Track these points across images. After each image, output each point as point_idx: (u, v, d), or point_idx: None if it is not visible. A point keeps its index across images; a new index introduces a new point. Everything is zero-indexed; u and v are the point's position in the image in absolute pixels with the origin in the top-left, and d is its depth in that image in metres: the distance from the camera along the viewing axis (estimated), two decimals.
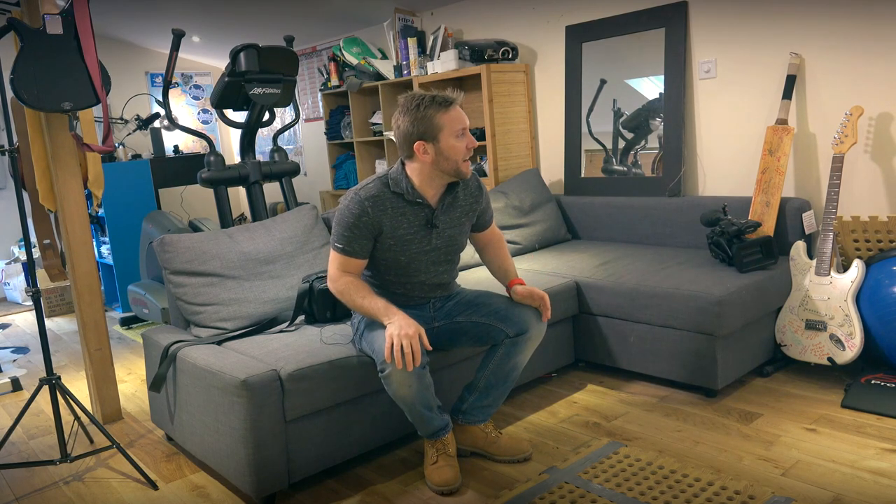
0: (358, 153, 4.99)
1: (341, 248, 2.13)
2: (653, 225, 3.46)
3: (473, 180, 2.26)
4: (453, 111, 2.05)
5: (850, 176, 2.92)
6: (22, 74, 2.52)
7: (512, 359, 2.21)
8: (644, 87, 3.57)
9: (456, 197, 2.21)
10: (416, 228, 2.16)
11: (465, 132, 2.08)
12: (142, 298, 4.22)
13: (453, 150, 2.07)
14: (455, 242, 2.25)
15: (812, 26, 2.97)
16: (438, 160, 2.08)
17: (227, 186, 3.56)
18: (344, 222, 2.11)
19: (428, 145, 2.06)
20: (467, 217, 2.26)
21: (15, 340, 4.48)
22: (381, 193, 2.11)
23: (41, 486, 2.40)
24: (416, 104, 2.05)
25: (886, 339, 2.60)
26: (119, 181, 4.69)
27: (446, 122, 2.04)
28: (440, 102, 2.05)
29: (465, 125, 2.08)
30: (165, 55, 6.38)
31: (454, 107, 2.06)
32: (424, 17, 4.66)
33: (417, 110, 2.04)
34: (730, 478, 2.04)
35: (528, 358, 2.26)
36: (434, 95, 2.05)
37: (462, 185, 2.22)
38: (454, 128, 2.05)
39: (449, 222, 2.20)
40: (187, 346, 2.35)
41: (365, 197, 2.09)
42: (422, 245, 2.18)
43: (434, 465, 2.15)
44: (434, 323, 2.28)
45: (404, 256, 2.18)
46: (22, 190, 2.48)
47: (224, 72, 3.39)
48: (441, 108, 2.04)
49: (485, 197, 2.30)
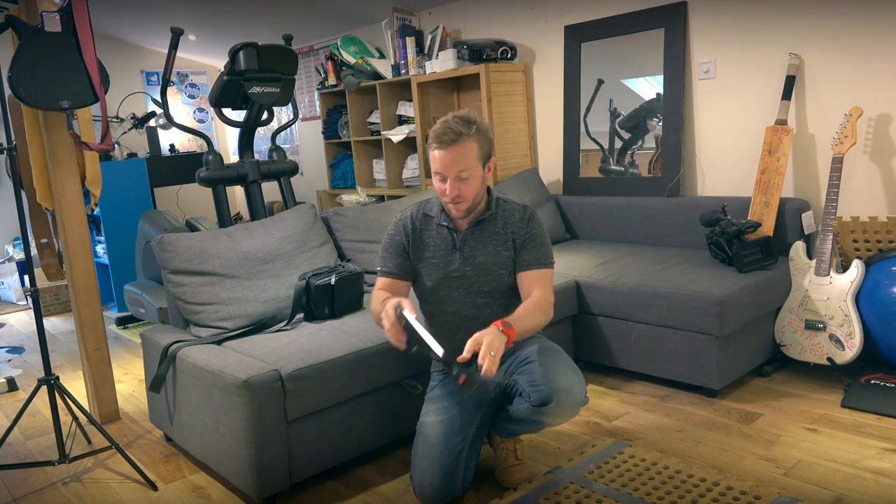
0: (355, 152, 4.98)
1: (380, 269, 2.14)
2: (652, 225, 3.46)
3: (519, 212, 2.09)
4: (436, 151, 1.95)
5: (850, 176, 2.93)
6: (20, 72, 2.50)
7: (535, 423, 2.01)
8: (641, 87, 3.57)
9: (490, 223, 2.08)
10: (441, 252, 2.09)
11: (442, 176, 1.97)
12: (138, 298, 4.20)
13: (437, 189, 2.02)
14: (489, 272, 2.06)
15: (811, 27, 2.98)
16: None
17: (225, 185, 3.55)
18: (386, 245, 2.14)
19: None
20: (504, 246, 2.07)
21: (10, 340, 4.44)
22: (415, 215, 2.14)
23: (39, 487, 2.39)
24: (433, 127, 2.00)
25: (886, 339, 2.61)
26: (115, 180, 4.67)
27: (431, 158, 1.98)
28: (434, 137, 1.96)
29: (439, 170, 1.96)
30: (161, 53, 6.35)
31: (441, 147, 1.94)
32: (422, 17, 4.65)
33: (430, 131, 2.00)
34: (734, 478, 2.04)
35: (555, 425, 2.06)
36: (440, 127, 1.95)
37: (502, 213, 2.09)
38: (433, 167, 1.99)
39: (479, 248, 2.07)
40: (187, 346, 2.33)
41: (401, 218, 2.14)
42: (447, 269, 2.08)
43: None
44: (490, 393, 1.95)
45: (431, 281, 2.10)
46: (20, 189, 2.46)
47: (223, 70, 3.38)
48: (432, 143, 1.97)
49: (529, 231, 2.06)
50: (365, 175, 5.04)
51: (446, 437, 2.00)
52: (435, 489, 1.98)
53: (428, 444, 2.02)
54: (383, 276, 2.13)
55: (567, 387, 1.92)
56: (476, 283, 2.08)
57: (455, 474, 1.99)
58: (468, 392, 2.05)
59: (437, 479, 1.97)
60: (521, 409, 2.00)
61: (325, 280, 2.56)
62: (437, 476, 1.97)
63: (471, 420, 2.05)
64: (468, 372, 1.76)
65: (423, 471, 1.99)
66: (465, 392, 2.06)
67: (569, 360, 2.04)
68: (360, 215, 3.07)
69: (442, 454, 1.99)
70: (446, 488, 1.98)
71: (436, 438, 2.01)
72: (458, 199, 1.99)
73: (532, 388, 1.94)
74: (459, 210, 2.03)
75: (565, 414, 1.97)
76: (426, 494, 1.99)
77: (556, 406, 1.91)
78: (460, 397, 2.07)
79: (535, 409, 1.94)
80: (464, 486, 2.02)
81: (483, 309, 2.10)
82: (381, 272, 2.14)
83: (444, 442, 2.00)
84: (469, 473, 2.04)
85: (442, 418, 2.04)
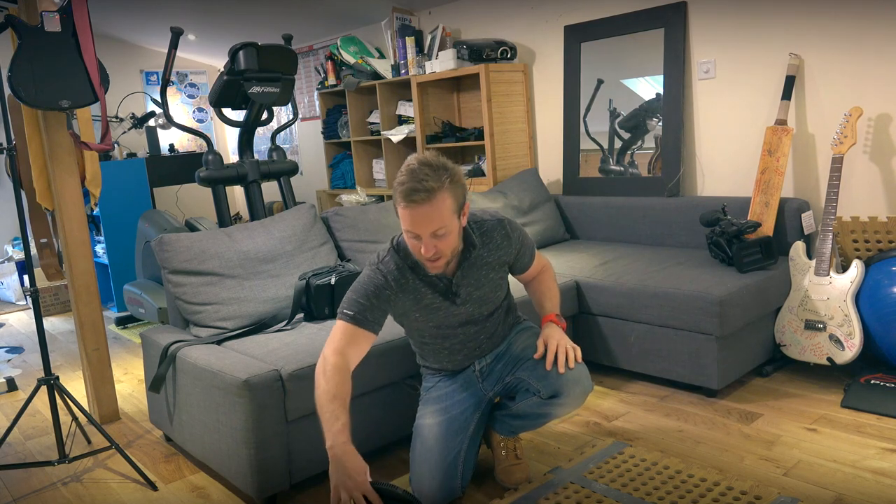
0: (355, 152, 4.98)
1: (351, 316, 1.86)
2: (652, 225, 3.47)
3: (497, 230, 1.99)
4: (403, 210, 1.75)
5: (850, 176, 2.93)
6: (19, 72, 2.49)
7: (542, 416, 2.02)
8: (640, 87, 3.57)
9: (477, 258, 1.97)
10: (437, 300, 1.98)
11: (415, 235, 1.78)
12: (138, 298, 4.19)
13: (411, 246, 1.85)
14: (486, 302, 2.03)
15: (811, 27, 2.98)
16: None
17: (225, 185, 3.55)
18: (362, 290, 1.89)
19: None
20: (496, 271, 2.02)
21: (9, 340, 4.44)
22: (400, 267, 1.92)
23: (39, 487, 2.38)
24: (399, 173, 1.78)
25: (885, 339, 2.61)
26: (114, 180, 4.67)
27: (399, 215, 1.79)
28: (403, 194, 1.73)
29: (411, 229, 1.77)
30: (161, 53, 6.34)
31: (412, 206, 1.73)
32: (422, 17, 4.65)
33: (395, 182, 1.78)
34: (734, 478, 2.04)
35: (563, 415, 2.04)
36: (409, 182, 1.72)
37: (481, 243, 1.97)
38: (404, 225, 1.79)
39: (473, 285, 1.99)
40: (187, 346, 2.33)
41: (387, 271, 1.91)
42: (448, 311, 2.00)
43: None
44: (488, 393, 2.11)
45: (433, 323, 2.03)
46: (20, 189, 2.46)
47: (223, 70, 3.37)
48: (400, 200, 1.75)
49: (515, 243, 2.03)
50: (365, 175, 5.04)
51: (445, 439, 2.00)
52: (434, 491, 1.97)
53: (426, 446, 2.02)
54: (349, 321, 1.85)
55: (577, 377, 1.94)
56: (477, 313, 2.05)
57: (454, 475, 1.99)
58: (465, 392, 2.07)
59: (436, 481, 1.97)
60: (527, 403, 2.01)
61: (325, 280, 2.56)
62: (436, 478, 1.97)
63: (469, 420, 2.05)
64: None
65: (422, 473, 1.99)
66: (461, 392, 2.07)
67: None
68: (359, 215, 3.07)
69: (441, 456, 1.99)
70: (446, 489, 1.98)
71: (434, 440, 2.01)
72: (436, 255, 1.81)
73: (541, 382, 1.95)
74: (438, 267, 1.87)
75: (575, 403, 1.97)
76: (426, 496, 1.98)
77: (568, 396, 1.94)
78: (457, 398, 2.07)
79: (545, 401, 1.95)
80: (463, 485, 2.02)
81: (483, 328, 2.09)
82: (346, 316, 1.86)
83: (442, 444, 2.00)
84: (468, 473, 2.04)
85: (440, 420, 2.04)
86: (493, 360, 2.11)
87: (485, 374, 2.11)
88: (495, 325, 2.10)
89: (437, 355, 2.12)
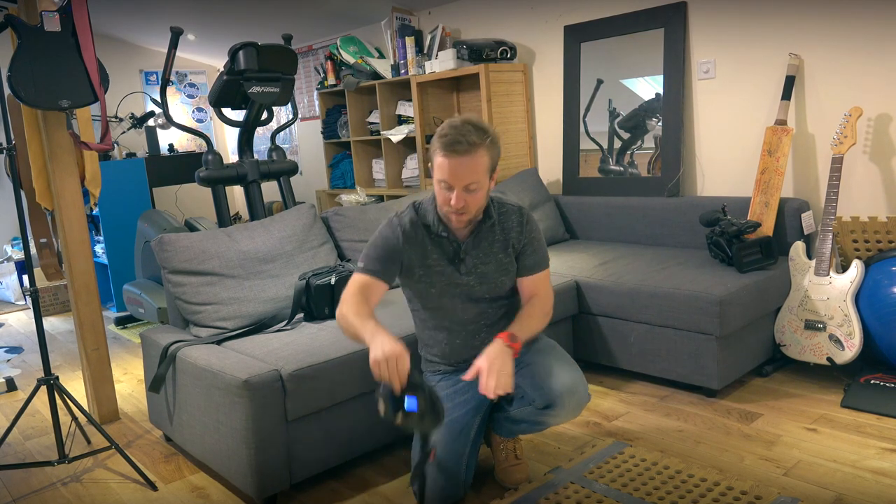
0: (355, 152, 4.98)
1: (362, 267, 1.99)
2: (652, 225, 3.47)
3: (515, 214, 2.04)
4: (442, 158, 1.84)
5: (849, 177, 2.93)
6: (19, 72, 2.49)
7: (538, 423, 2.02)
8: (640, 87, 3.57)
9: (487, 230, 2.02)
10: (443, 263, 2.02)
11: (449, 185, 1.86)
12: (137, 298, 4.19)
13: (440, 197, 1.92)
14: (491, 281, 2.03)
15: (811, 27, 2.98)
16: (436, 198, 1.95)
17: (224, 185, 3.54)
18: (373, 243, 2.02)
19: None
20: (504, 253, 2.02)
21: (8, 340, 4.44)
22: (414, 223, 2.02)
23: (39, 488, 2.38)
24: (441, 128, 1.89)
25: (885, 339, 2.61)
26: (114, 180, 4.66)
27: (435, 165, 1.88)
28: (444, 144, 1.84)
29: (446, 179, 1.85)
30: (160, 53, 6.34)
31: (452, 156, 1.82)
32: (422, 17, 4.65)
33: (433, 137, 1.90)
34: (735, 478, 2.04)
35: (559, 423, 2.05)
36: (452, 134, 1.83)
37: (499, 218, 2.03)
38: (437, 175, 1.88)
39: (481, 258, 2.02)
40: (187, 346, 2.33)
41: (398, 224, 2.01)
42: (451, 278, 2.02)
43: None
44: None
45: (435, 289, 2.04)
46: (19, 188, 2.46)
47: (222, 70, 3.37)
48: (440, 149, 1.85)
49: (526, 234, 2.03)
50: (364, 175, 5.04)
51: (446, 443, 2.00)
52: (437, 493, 1.97)
53: None
54: (364, 273, 1.99)
55: (571, 388, 1.93)
56: (478, 291, 2.04)
57: (458, 477, 1.99)
58: (466, 395, 2.06)
59: (439, 485, 1.97)
60: (523, 410, 2.01)
61: (325, 280, 2.56)
62: (439, 481, 1.97)
63: (471, 423, 2.04)
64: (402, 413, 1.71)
65: (426, 475, 1.99)
66: (462, 395, 2.07)
67: (567, 357, 2.05)
68: (359, 215, 3.07)
69: (444, 459, 1.98)
70: (449, 491, 1.98)
71: (437, 444, 2.00)
72: (463, 210, 1.90)
73: (536, 392, 1.94)
74: (461, 222, 1.96)
75: (571, 414, 1.97)
76: (429, 498, 1.98)
77: (562, 408, 1.93)
78: (458, 400, 2.07)
79: (540, 411, 1.94)
80: (465, 487, 2.02)
81: (483, 313, 2.08)
82: (362, 269, 2.00)
83: (445, 447, 1.99)
84: (469, 474, 2.04)
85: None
86: None
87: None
88: (497, 316, 2.09)
89: (436, 337, 2.11)
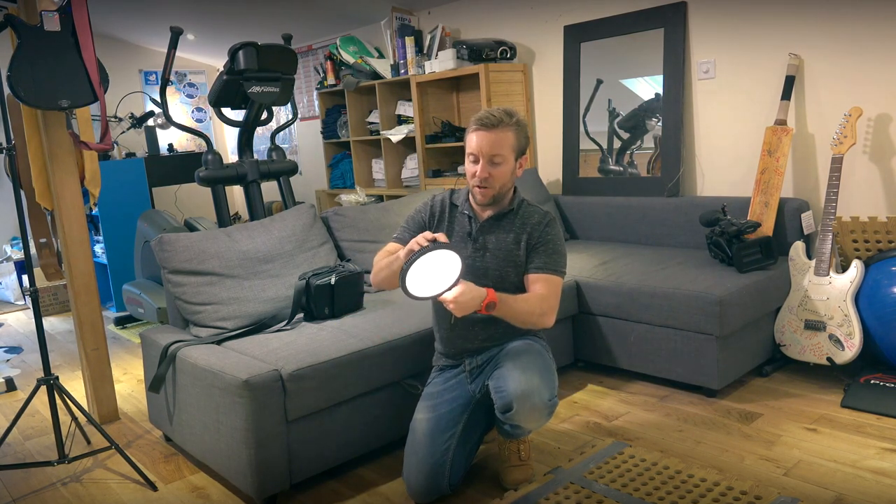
0: (354, 152, 4.97)
1: (395, 236, 2.20)
2: (651, 225, 3.46)
3: (539, 217, 2.09)
4: (474, 133, 2.01)
5: (849, 177, 2.93)
6: (19, 71, 2.49)
7: (507, 426, 2.03)
8: (639, 87, 3.57)
9: (509, 219, 2.09)
10: (458, 237, 2.12)
11: (476, 158, 2.02)
12: (137, 298, 4.19)
13: (468, 171, 2.05)
14: (496, 267, 2.07)
15: (811, 27, 2.98)
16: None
17: (224, 185, 3.54)
18: (407, 217, 2.22)
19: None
20: (516, 245, 2.07)
21: (8, 340, 4.43)
22: (443, 201, 2.19)
23: (39, 488, 2.38)
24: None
25: (885, 339, 2.61)
26: (113, 180, 4.66)
27: (468, 142, 2.04)
28: (475, 120, 2.02)
29: (474, 151, 2.01)
30: (160, 53, 6.33)
31: (481, 129, 2.00)
32: (422, 16, 4.65)
33: (471, 119, 2.05)
34: (734, 478, 2.04)
35: (529, 428, 2.03)
36: (483, 113, 2.02)
37: (522, 212, 2.10)
38: (469, 149, 2.04)
39: (492, 240, 2.08)
40: (187, 346, 2.33)
41: (430, 202, 2.21)
42: (462, 253, 1.98)
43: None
44: (475, 394, 2.11)
45: None
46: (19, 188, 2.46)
47: (222, 70, 3.37)
48: (472, 125, 2.03)
49: (544, 236, 2.06)
50: (364, 175, 5.04)
51: (432, 436, 2.04)
52: (420, 485, 2.02)
53: (416, 441, 2.06)
54: (395, 241, 2.18)
55: (526, 392, 1.91)
56: (483, 276, 2.06)
57: (441, 472, 2.02)
58: (455, 392, 2.10)
59: (422, 476, 2.01)
60: (496, 411, 2.02)
61: (325, 280, 2.56)
62: (422, 473, 2.01)
63: (457, 419, 2.08)
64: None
65: (411, 467, 2.05)
66: (451, 392, 2.10)
67: (538, 360, 2.03)
68: (359, 215, 3.06)
69: (428, 452, 2.02)
70: (432, 485, 2.02)
71: (423, 436, 2.05)
72: (486, 182, 2.01)
73: (496, 394, 1.97)
74: (485, 195, 2.04)
75: (530, 419, 1.95)
76: (413, 490, 2.04)
77: (517, 413, 1.92)
78: (447, 396, 2.10)
79: (502, 414, 1.97)
80: (451, 484, 2.04)
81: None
82: (394, 238, 2.20)
83: (430, 440, 2.04)
84: (457, 472, 2.06)
85: (429, 416, 2.08)
86: (483, 362, 2.13)
87: (474, 375, 2.13)
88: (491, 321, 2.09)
89: (440, 324, 2.18)
